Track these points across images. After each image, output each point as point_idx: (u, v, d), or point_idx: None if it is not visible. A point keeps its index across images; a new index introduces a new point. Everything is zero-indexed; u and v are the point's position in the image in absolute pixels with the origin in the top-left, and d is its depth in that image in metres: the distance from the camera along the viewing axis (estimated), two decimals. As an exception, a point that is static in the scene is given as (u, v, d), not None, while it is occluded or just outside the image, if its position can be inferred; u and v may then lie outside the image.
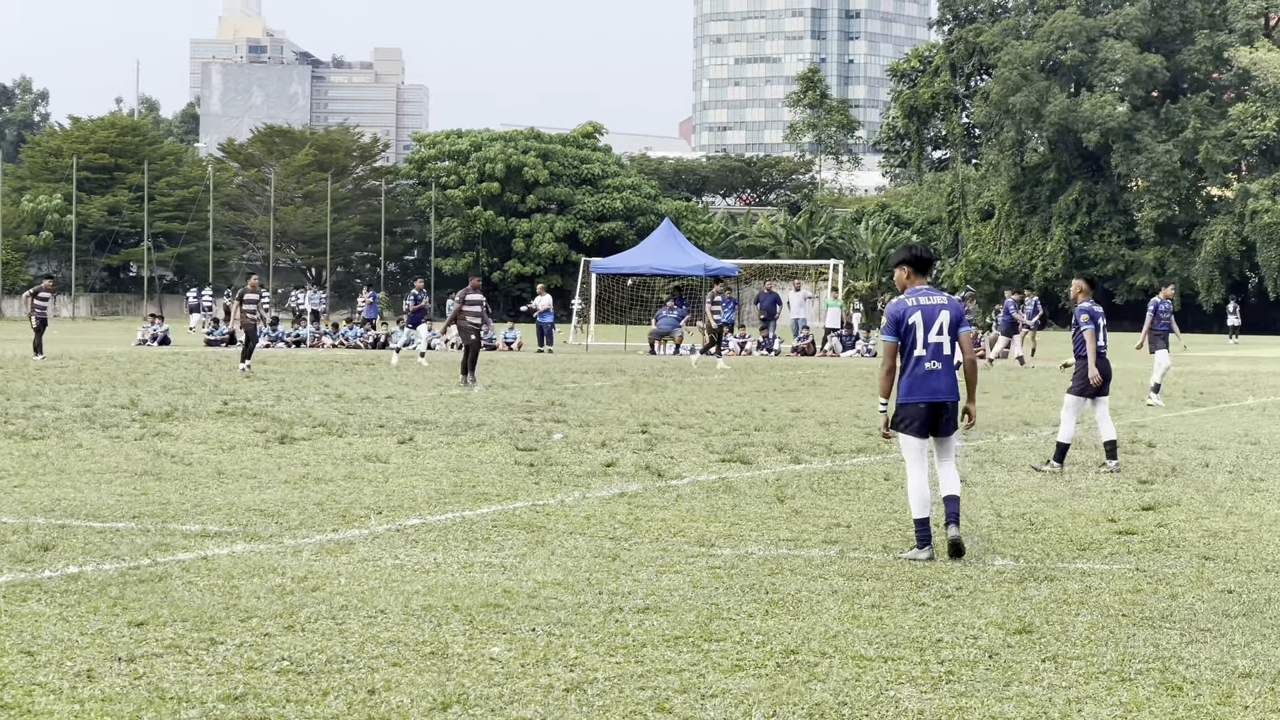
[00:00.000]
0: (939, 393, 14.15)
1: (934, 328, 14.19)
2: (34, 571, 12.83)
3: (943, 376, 14.19)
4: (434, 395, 34.61)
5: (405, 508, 16.75)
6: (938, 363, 14.17)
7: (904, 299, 14.36)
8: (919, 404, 14.16)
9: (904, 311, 14.26)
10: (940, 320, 14.20)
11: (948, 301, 14.33)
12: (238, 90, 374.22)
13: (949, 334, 14.23)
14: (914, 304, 14.27)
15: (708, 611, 11.65)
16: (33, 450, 21.78)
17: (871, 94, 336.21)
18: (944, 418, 14.22)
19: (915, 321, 14.21)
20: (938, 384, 14.17)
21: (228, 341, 63.92)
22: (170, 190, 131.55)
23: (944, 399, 14.17)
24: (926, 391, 14.16)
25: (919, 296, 14.32)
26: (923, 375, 14.17)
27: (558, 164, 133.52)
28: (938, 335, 14.18)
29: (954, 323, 14.26)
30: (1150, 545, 14.91)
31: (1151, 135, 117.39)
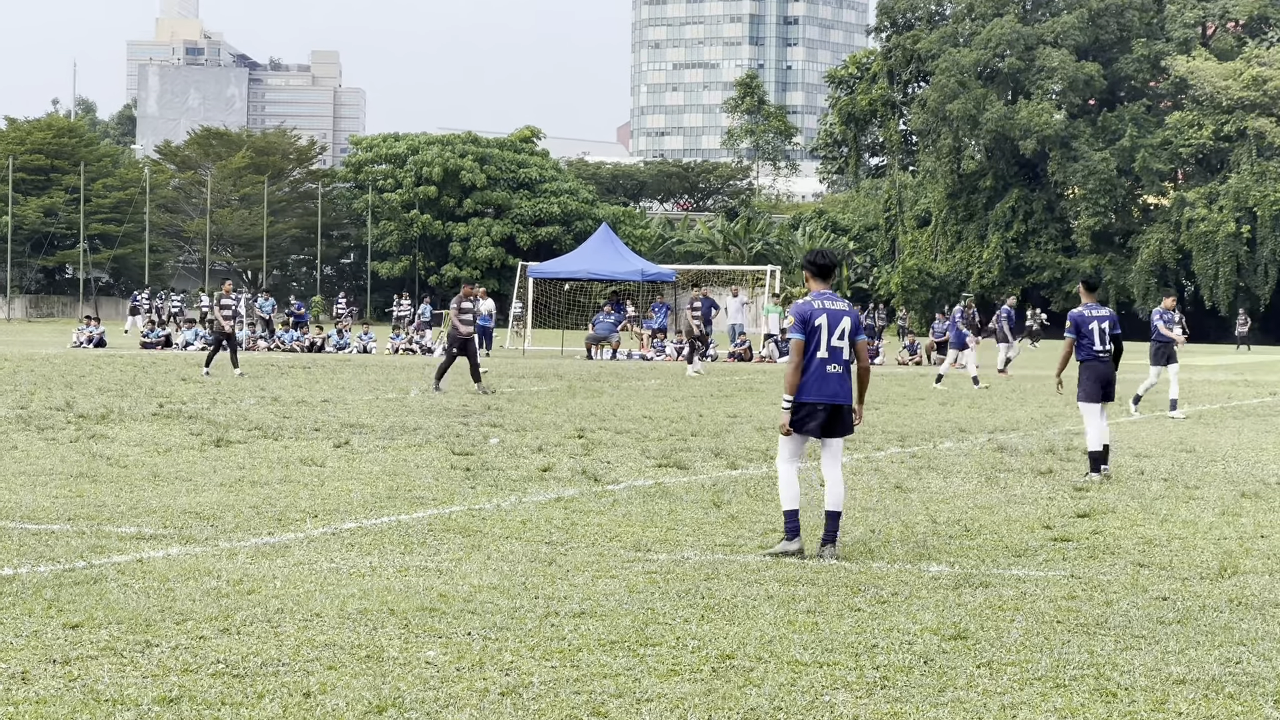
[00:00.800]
0: (838, 395, 14.53)
1: (836, 332, 14.57)
2: (-33, 574, 12.75)
3: (843, 380, 14.58)
4: (370, 399, 34.54)
5: (341, 511, 16.71)
6: (838, 366, 14.54)
7: (810, 300, 14.73)
8: (818, 405, 14.50)
9: (811, 313, 14.62)
10: (842, 326, 14.61)
11: (848, 309, 14.77)
12: (175, 92, 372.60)
13: (848, 340, 14.61)
14: (820, 306, 14.66)
15: (643, 616, 11.66)
16: (-34, 452, 21.63)
17: (809, 100, 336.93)
18: (839, 421, 14.58)
19: (821, 324, 14.59)
20: (837, 387, 14.55)
21: (163, 344, 63.67)
22: (107, 192, 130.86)
23: (842, 402, 14.56)
24: (827, 393, 14.51)
25: (824, 300, 14.72)
26: (823, 377, 14.52)
27: (495, 168, 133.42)
28: (839, 340, 14.57)
29: (853, 329, 14.69)
30: (1085, 552, 14.98)
31: (1088, 143, 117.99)
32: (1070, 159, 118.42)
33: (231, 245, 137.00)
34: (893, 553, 14.75)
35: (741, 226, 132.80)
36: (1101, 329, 21.39)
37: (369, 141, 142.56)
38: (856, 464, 22.38)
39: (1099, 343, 21.38)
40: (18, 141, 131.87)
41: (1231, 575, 13.91)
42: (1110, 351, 21.47)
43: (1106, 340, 21.40)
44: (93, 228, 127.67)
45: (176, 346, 63.36)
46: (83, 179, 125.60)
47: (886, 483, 20.09)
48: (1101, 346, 21.38)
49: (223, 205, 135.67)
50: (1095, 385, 21.27)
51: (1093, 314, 21.50)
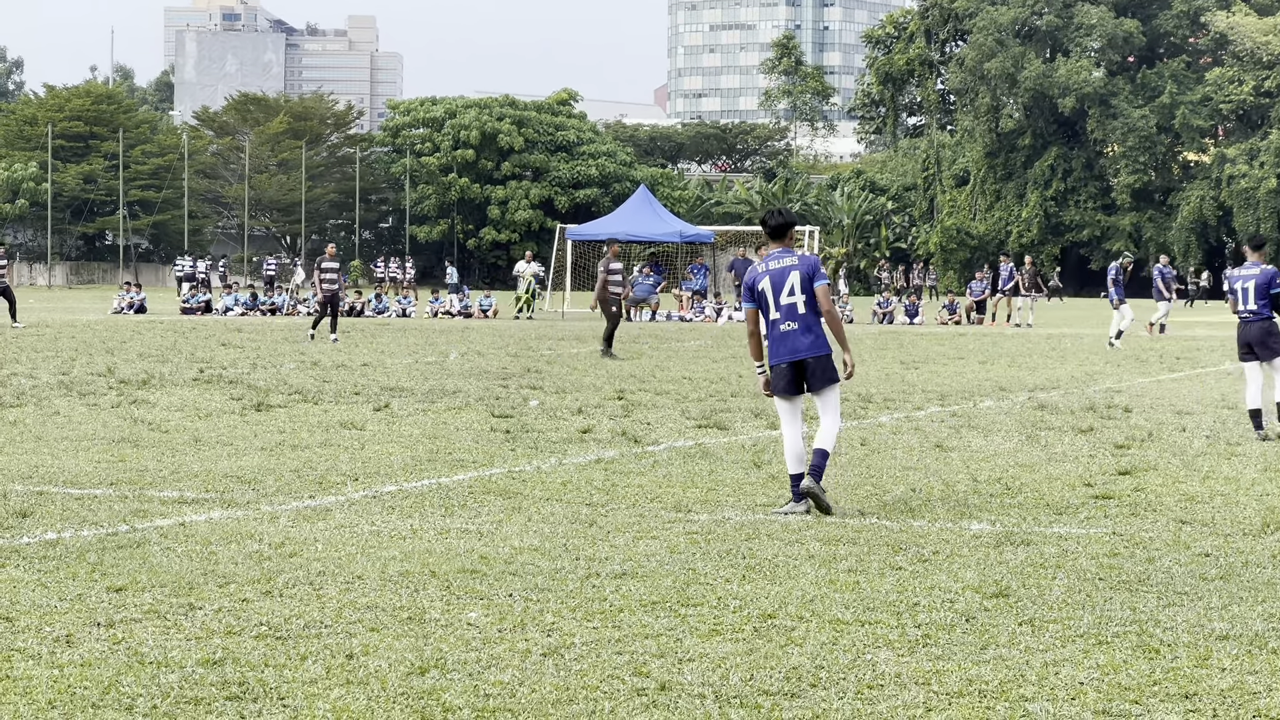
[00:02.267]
0: (799, 351, 14.42)
1: (784, 290, 14.46)
2: (12, 538, 12.82)
3: (800, 335, 14.41)
4: (409, 363, 34.60)
5: (381, 474, 16.74)
6: (793, 323, 14.43)
7: (755, 266, 14.71)
8: (781, 365, 14.46)
9: (754, 279, 14.61)
10: (790, 281, 14.45)
11: (799, 261, 14.58)
12: (212, 58, 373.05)
13: (803, 292, 14.43)
14: (763, 270, 14.60)
15: (685, 576, 11.66)
16: (9, 418, 21.73)
17: (846, 61, 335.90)
18: (811, 374, 14.46)
19: (764, 288, 14.53)
20: (797, 343, 14.42)
21: (203, 309, 63.84)
22: (145, 159, 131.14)
23: (804, 356, 14.42)
24: (787, 351, 14.44)
25: (770, 261, 14.63)
26: (780, 337, 14.47)
27: (533, 131, 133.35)
28: (789, 296, 14.43)
29: (805, 280, 14.47)
30: (1127, 509, 14.94)
31: (1127, 100, 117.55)
32: (1109, 116, 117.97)
33: (270, 210, 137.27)
34: (934, 511, 14.72)
35: (779, 187, 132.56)
36: (1244, 288, 21.53)
37: (406, 105, 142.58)
38: (896, 423, 22.36)
39: (1241, 302, 21.74)
40: (56, 109, 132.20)
41: (1274, 531, 13.85)
42: (1254, 311, 21.71)
43: (1248, 299, 21.66)
44: (132, 194, 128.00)
45: (217, 312, 63.51)
46: (121, 146, 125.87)
47: (927, 442, 20.07)
48: (1243, 306, 21.74)
49: (261, 171, 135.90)
50: (1239, 344, 21.94)
51: (1240, 273, 21.98)
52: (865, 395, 26.90)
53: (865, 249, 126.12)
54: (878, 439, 20.38)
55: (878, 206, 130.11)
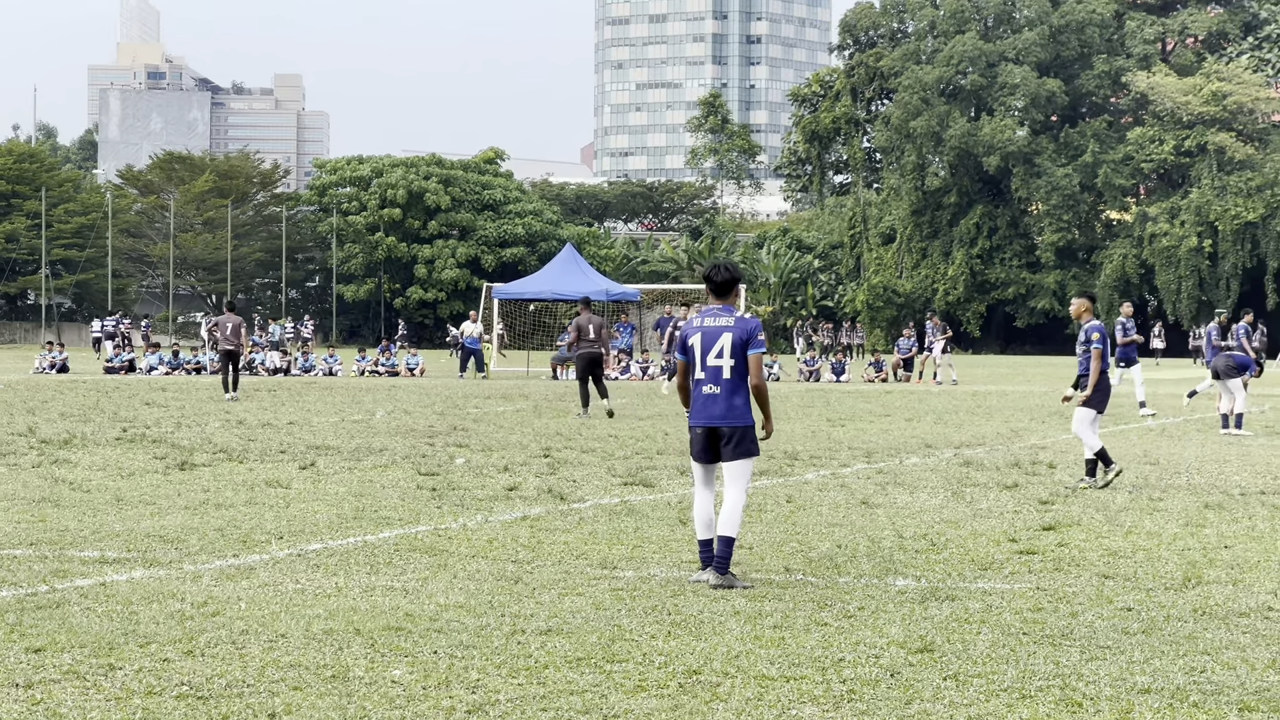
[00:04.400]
0: (715, 417, 13.86)
1: (713, 350, 13.90)
2: (-71, 599, 12.69)
3: (719, 401, 13.86)
4: (335, 421, 34.47)
5: (306, 532, 16.66)
6: (716, 387, 13.87)
7: (693, 319, 14.18)
8: (697, 428, 13.97)
9: (687, 333, 14.12)
10: (720, 343, 13.88)
11: (735, 323, 13.97)
12: (137, 117, 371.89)
13: (731, 357, 13.87)
14: (698, 325, 14.07)
15: (610, 633, 11.64)
16: (-72, 478, 21.53)
17: (773, 119, 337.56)
18: (725, 442, 13.89)
19: (694, 344, 14.02)
20: (714, 409, 13.87)
21: (127, 369, 63.47)
22: (68, 217, 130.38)
23: (719, 424, 13.86)
24: (704, 416, 13.91)
25: (706, 318, 14.09)
26: (702, 399, 13.95)
27: (459, 190, 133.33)
28: (716, 359, 13.88)
29: (737, 345, 13.88)
30: (1051, 564, 15.00)
31: (1051, 159, 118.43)
32: (1033, 175, 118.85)
33: (196, 269, 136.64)
34: (859, 568, 14.74)
35: (706, 245, 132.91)
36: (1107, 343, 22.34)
37: (333, 164, 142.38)
38: (822, 480, 22.40)
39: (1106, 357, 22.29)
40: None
41: (1196, 585, 13.94)
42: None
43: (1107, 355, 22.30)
44: (55, 253, 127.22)
45: (140, 371, 63.16)
46: (44, 204, 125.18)
47: (853, 498, 20.10)
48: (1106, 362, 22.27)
49: (186, 229, 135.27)
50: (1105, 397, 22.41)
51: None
52: (791, 452, 26.93)
53: (792, 307, 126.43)
54: (803, 496, 20.40)
55: (804, 265, 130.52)
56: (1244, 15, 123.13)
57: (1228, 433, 32.21)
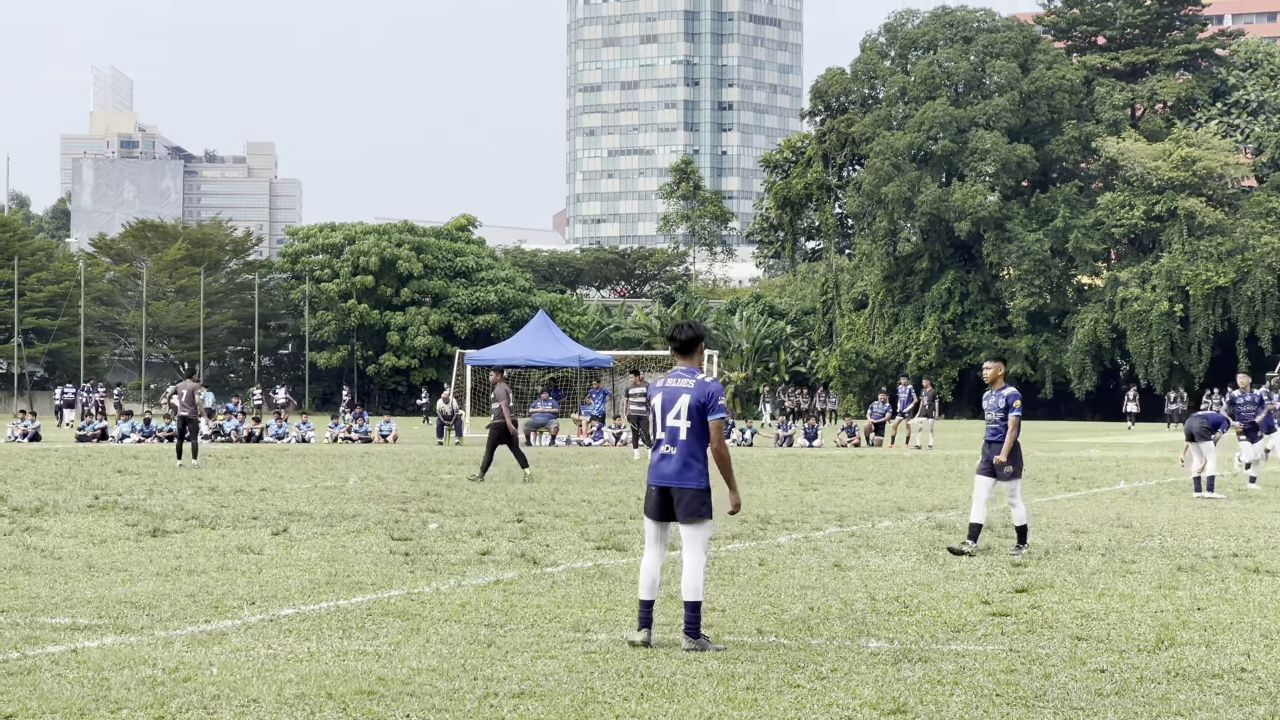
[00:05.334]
0: (666, 477, 13.94)
1: (672, 411, 13.98)
2: (-101, 666, 12.65)
3: (674, 461, 13.93)
4: (308, 488, 34.41)
5: (279, 598, 16.63)
6: (672, 448, 13.95)
7: (657, 380, 14.28)
8: (652, 487, 14.06)
9: (651, 393, 14.22)
10: (679, 405, 13.96)
11: (694, 385, 14.02)
12: (109, 185, 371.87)
13: (689, 419, 13.92)
14: (660, 385, 14.18)
15: (583, 695, 11.63)
16: (-101, 546, 21.46)
17: (745, 185, 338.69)
18: (677, 503, 13.93)
19: (655, 404, 14.12)
20: (667, 468, 13.95)
21: (99, 437, 63.34)
22: (41, 286, 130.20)
23: (671, 484, 13.92)
24: (657, 475, 14.02)
25: (670, 379, 14.19)
26: (658, 458, 14.05)
27: (432, 257, 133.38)
28: (675, 419, 13.95)
29: (695, 408, 13.95)
30: (1024, 626, 15.02)
31: (1022, 224, 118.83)
32: (1005, 240, 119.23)
33: (168, 337, 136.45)
34: (832, 630, 14.75)
35: (679, 312, 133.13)
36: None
37: (305, 232, 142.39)
38: (795, 543, 22.40)
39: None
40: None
41: (1168, 647, 13.96)
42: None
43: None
44: (27, 322, 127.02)
45: (113, 439, 63.03)
46: (16, 273, 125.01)
47: (825, 561, 20.11)
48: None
49: (159, 297, 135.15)
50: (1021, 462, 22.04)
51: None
52: (764, 516, 26.94)
53: (764, 373, 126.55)
54: (776, 559, 20.40)
55: (777, 331, 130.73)
56: (1213, 81, 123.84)
57: (1200, 496, 32.26)
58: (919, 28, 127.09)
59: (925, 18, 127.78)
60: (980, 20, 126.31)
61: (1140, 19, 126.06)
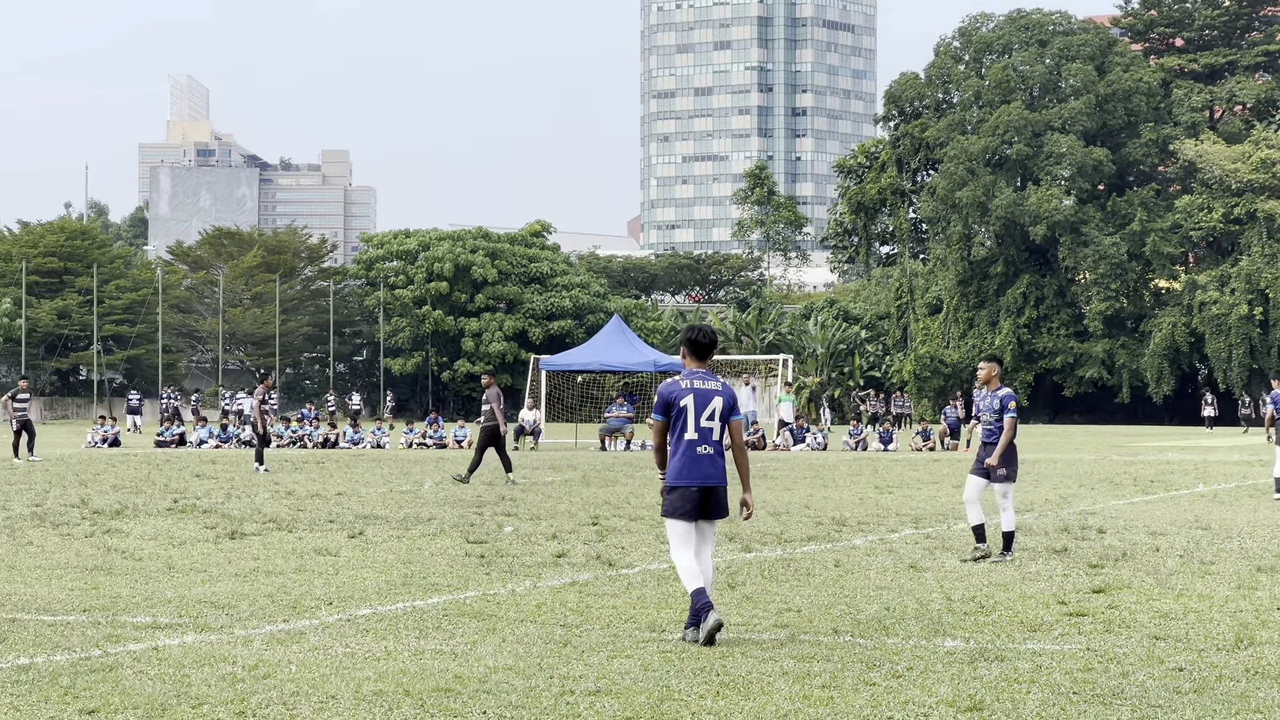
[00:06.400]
0: (711, 477, 14.18)
1: (705, 412, 14.24)
2: (-17, 664, 12.79)
3: (715, 461, 14.23)
4: (384, 492, 34.56)
5: (356, 598, 16.72)
6: (708, 447, 14.21)
7: (678, 380, 14.41)
8: (691, 488, 14.18)
9: (676, 394, 14.32)
10: (713, 406, 14.26)
11: (721, 388, 14.38)
12: (186, 193, 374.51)
13: (720, 420, 14.28)
14: (687, 386, 14.33)
15: (659, 693, 11.65)
16: (-19, 548, 21.69)
17: (819, 190, 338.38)
18: (716, 503, 14.24)
19: (687, 404, 14.25)
20: (710, 468, 14.19)
21: (177, 442, 63.75)
22: (119, 293, 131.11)
23: (715, 483, 14.20)
24: (699, 476, 14.17)
25: (694, 380, 14.37)
26: (694, 459, 14.21)
27: (506, 263, 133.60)
28: (709, 420, 14.24)
29: (726, 409, 14.33)
30: (1101, 626, 14.96)
31: (1098, 228, 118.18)
32: (1080, 244, 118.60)
33: (244, 344, 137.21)
34: (907, 629, 14.73)
35: (753, 317, 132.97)
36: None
37: (380, 239, 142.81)
38: (870, 545, 22.39)
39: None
40: (31, 245, 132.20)
41: (1247, 646, 13.89)
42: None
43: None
44: (106, 329, 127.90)
45: (190, 444, 63.42)
46: (95, 281, 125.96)
47: (901, 563, 20.09)
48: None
49: (235, 304, 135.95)
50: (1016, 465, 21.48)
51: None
52: (839, 519, 26.94)
53: (839, 378, 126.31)
54: (851, 560, 20.39)
55: (851, 335, 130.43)
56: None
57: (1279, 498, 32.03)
58: (994, 31, 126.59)
59: (1000, 21, 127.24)
60: (1056, 23, 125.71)
61: (1219, 20, 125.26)
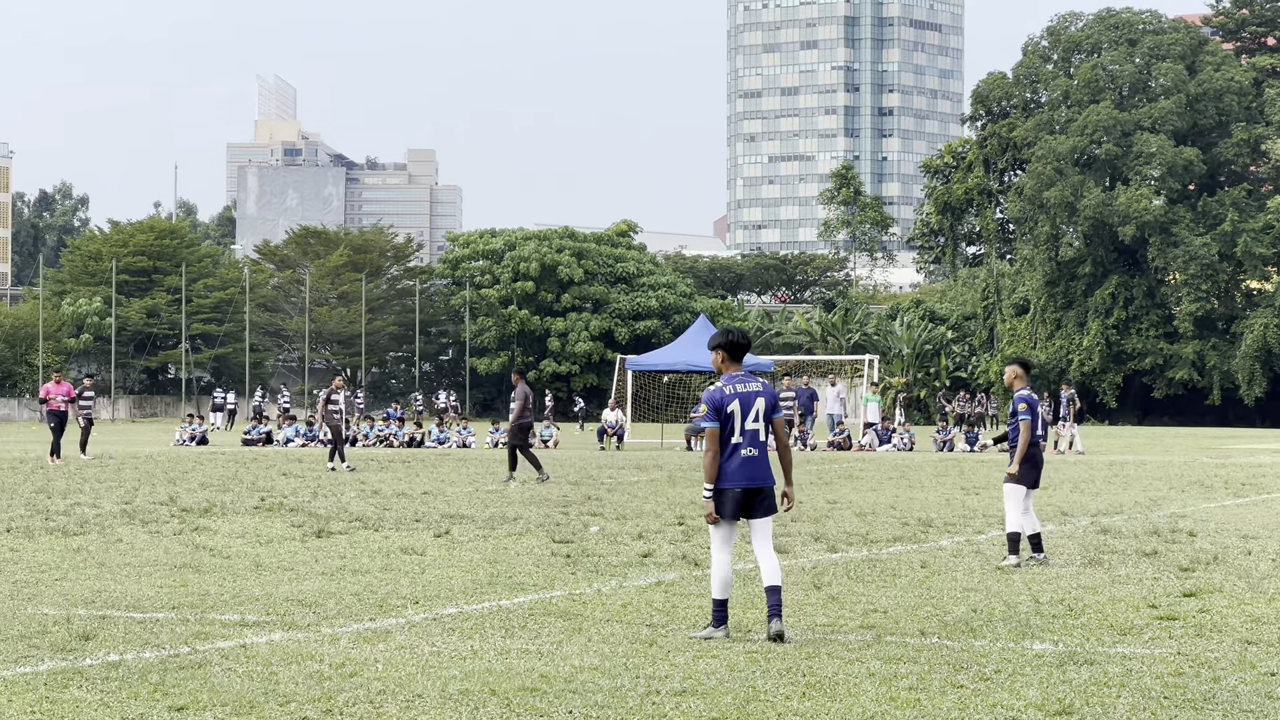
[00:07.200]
0: (755, 479, 14.32)
1: (750, 415, 14.37)
2: (75, 660, 12.90)
3: (759, 463, 14.35)
4: (469, 491, 34.65)
5: (442, 597, 16.77)
6: (754, 449, 14.34)
7: (722, 386, 14.49)
8: (736, 490, 14.28)
9: (723, 399, 14.40)
10: (756, 407, 14.39)
11: (762, 388, 14.54)
12: (273, 192, 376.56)
13: (764, 421, 14.41)
14: (732, 391, 14.43)
15: (745, 694, 11.63)
16: (74, 545, 21.88)
17: (905, 191, 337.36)
18: (761, 501, 14.37)
19: (734, 410, 14.36)
20: (755, 470, 14.32)
21: (264, 441, 64.09)
22: (207, 292, 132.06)
23: (761, 484, 14.34)
24: (744, 478, 14.29)
25: (735, 384, 14.49)
26: (741, 462, 14.32)
27: (592, 263, 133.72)
28: (754, 422, 14.37)
29: (769, 409, 14.48)
30: (1192, 630, 14.84)
31: (1189, 228, 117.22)
32: (1170, 244, 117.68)
33: (330, 343, 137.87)
34: (995, 631, 14.65)
35: (839, 317, 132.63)
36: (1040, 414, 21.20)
37: (466, 238, 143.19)
38: (957, 546, 22.28)
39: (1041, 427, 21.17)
40: (121, 244, 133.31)
41: (1340, 651, 13.74)
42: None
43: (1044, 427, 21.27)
44: (194, 328, 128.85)
45: (277, 443, 63.74)
46: (184, 280, 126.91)
47: (988, 565, 19.99)
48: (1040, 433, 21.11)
49: (321, 303, 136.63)
50: (1033, 470, 21.00)
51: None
52: (926, 520, 26.83)
53: (925, 378, 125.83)
54: (938, 561, 20.30)
55: (937, 336, 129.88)
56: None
57: None
58: (1083, 30, 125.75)
59: (1089, 20, 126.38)
60: (1146, 22, 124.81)
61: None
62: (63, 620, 14.97)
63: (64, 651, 13.29)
